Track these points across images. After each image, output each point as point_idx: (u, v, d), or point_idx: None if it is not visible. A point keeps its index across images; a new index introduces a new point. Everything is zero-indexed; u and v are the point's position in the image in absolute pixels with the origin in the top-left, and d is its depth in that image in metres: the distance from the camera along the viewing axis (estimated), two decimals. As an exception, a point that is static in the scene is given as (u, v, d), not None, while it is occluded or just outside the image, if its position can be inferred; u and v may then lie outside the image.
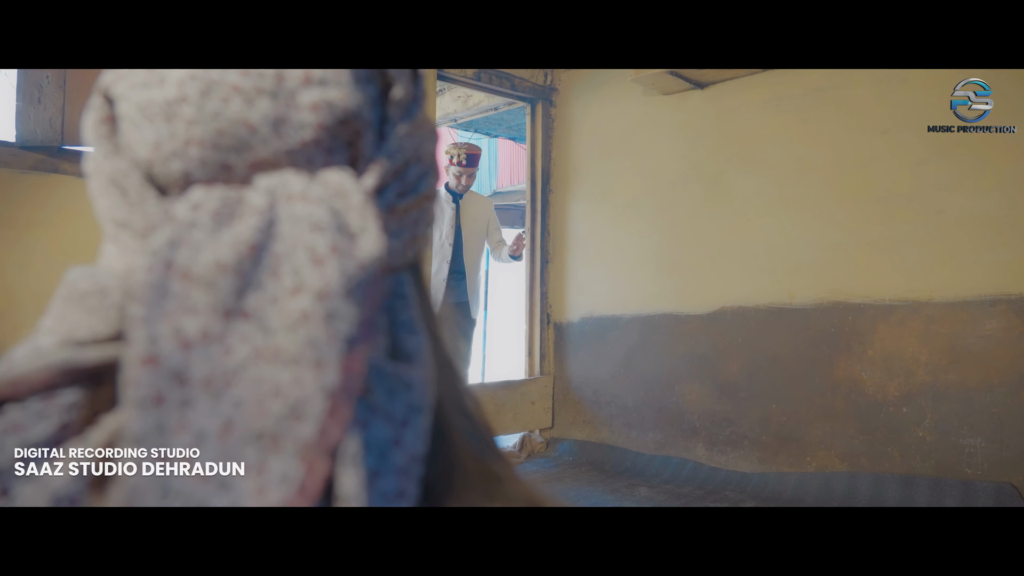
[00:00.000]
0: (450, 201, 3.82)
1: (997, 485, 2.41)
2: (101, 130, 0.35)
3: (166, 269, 0.28)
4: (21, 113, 2.13)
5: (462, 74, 3.46)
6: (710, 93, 3.24)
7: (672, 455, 3.27)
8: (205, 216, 0.30)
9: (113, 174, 0.34)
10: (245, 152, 0.32)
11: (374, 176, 0.34)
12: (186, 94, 0.32)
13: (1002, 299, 2.44)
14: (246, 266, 0.28)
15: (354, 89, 0.34)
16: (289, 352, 0.27)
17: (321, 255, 0.28)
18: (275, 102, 0.32)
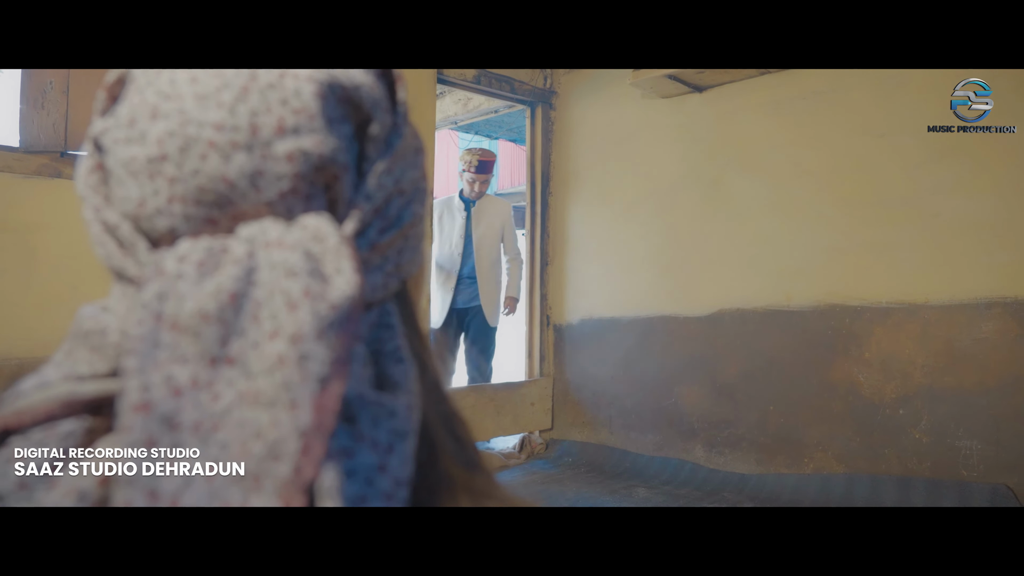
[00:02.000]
0: (461, 209, 3.76)
1: (993, 487, 2.42)
2: (91, 180, 0.37)
3: (156, 321, 0.30)
4: (25, 118, 2.15)
5: (462, 77, 3.48)
6: (708, 97, 3.25)
7: (671, 456, 3.29)
8: (190, 268, 0.32)
9: (106, 224, 0.36)
10: (226, 206, 0.34)
11: (354, 221, 0.36)
12: (166, 152, 0.34)
13: (997, 302, 2.45)
14: (228, 314, 0.30)
15: (328, 135, 0.35)
16: (267, 395, 0.29)
17: (295, 299, 0.30)
18: (251, 155, 0.34)
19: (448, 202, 3.84)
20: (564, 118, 3.88)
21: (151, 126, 0.34)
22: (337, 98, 0.36)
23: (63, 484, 0.32)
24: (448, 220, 3.80)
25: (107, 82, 0.39)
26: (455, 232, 3.75)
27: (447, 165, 6.46)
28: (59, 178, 2.20)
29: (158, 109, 0.35)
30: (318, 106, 0.35)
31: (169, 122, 0.34)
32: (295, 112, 0.35)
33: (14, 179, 2.13)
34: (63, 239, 2.20)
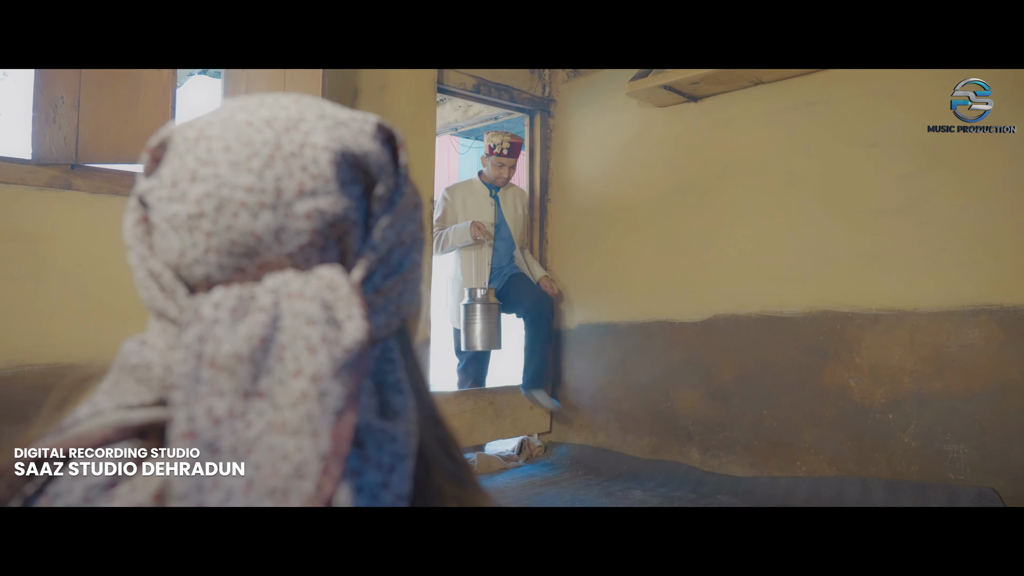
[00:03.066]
0: (487, 195, 3.56)
1: (979, 490, 2.48)
2: (137, 231, 0.44)
3: (197, 360, 0.37)
4: (37, 131, 2.22)
5: (462, 86, 3.54)
6: (703, 106, 3.31)
7: (667, 459, 3.35)
8: (225, 314, 0.38)
9: (150, 271, 0.42)
10: (254, 257, 0.41)
11: (361, 269, 0.42)
12: (203, 210, 0.40)
13: (984, 309, 2.51)
14: (258, 355, 0.37)
15: (340, 196, 0.42)
16: (293, 424, 0.35)
17: (314, 344, 0.37)
18: (275, 214, 0.40)
19: (468, 187, 3.64)
20: (562, 126, 3.94)
21: (191, 187, 0.41)
22: (348, 164, 0.43)
23: (121, 499, 0.38)
24: (473, 207, 3.57)
25: (150, 145, 0.45)
26: (481, 219, 3.53)
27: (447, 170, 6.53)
28: (69, 190, 2.26)
29: (197, 173, 0.41)
30: (332, 172, 0.42)
31: (206, 184, 0.41)
32: (313, 177, 0.41)
33: (26, 191, 2.19)
34: (73, 249, 2.26)
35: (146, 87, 2.13)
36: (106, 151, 2.17)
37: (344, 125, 0.44)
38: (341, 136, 0.43)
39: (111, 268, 2.31)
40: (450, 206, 3.58)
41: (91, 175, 2.29)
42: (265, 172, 0.41)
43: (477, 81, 3.60)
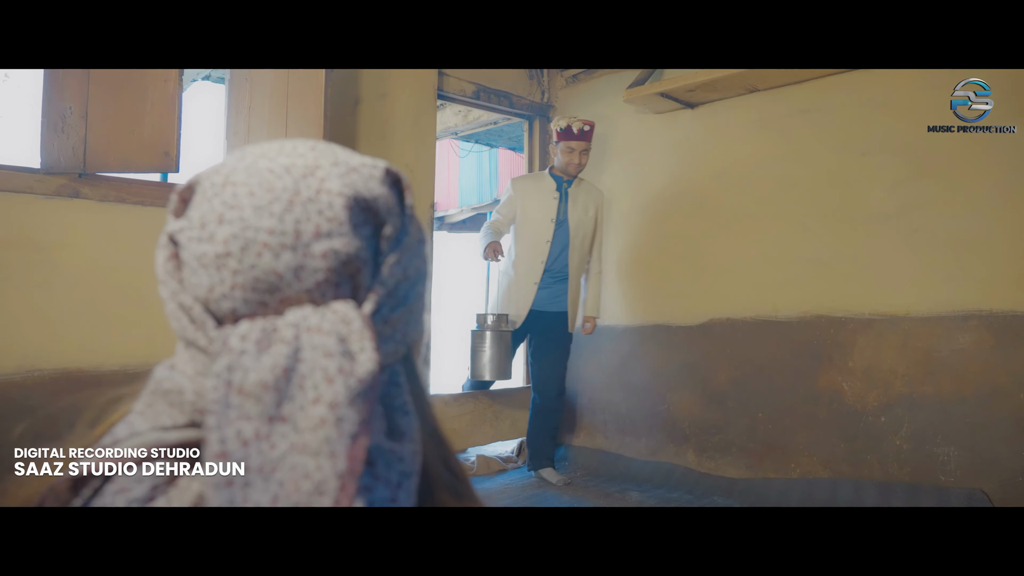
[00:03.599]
0: (553, 189, 3.23)
1: (969, 492, 2.53)
2: (168, 267, 0.48)
3: (227, 387, 0.41)
4: (45, 141, 2.26)
5: (461, 92, 3.59)
6: (699, 113, 3.36)
7: (663, 461, 3.40)
8: (251, 345, 0.43)
9: (181, 304, 0.47)
10: (276, 292, 0.45)
11: (372, 303, 0.47)
12: (230, 250, 0.45)
13: (974, 315, 2.56)
14: (281, 384, 0.42)
15: (353, 237, 0.47)
16: (313, 447, 0.40)
17: (331, 375, 0.42)
18: (295, 254, 0.45)
19: (535, 179, 3.34)
20: (561, 131, 3.98)
21: (219, 229, 0.46)
22: (360, 207, 0.48)
23: None
24: (536, 201, 3.23)
25: (178, 188, 0.50)
26: (544, 216, 3.20)
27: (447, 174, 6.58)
28: (77, 198, 2.31)
29: (224, 216, 0.46)
30: (346, 215, 0.46)
31: (233, 227, 0.45)
32: (328, 220, 0.46)
33: (35, 199, 2.24)
34: (81, 256, 2.31)
35: (153, 98, 2.17)
36: (113, 160, 2.21)
37: (356, 171, 0.49)
38: (353, 182, 0.48)
39: (118, 275, 2.36)
40: (512, 199, 3.28)
41: (98, 183, 2.34)
42: (286, 216, 0.45)
43: (477, 87, 3.65)
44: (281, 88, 2.52)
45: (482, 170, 6.77)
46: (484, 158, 6.69)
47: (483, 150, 6.43)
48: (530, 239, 3.21)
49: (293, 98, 2.49)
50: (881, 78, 2.81)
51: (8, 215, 2.20)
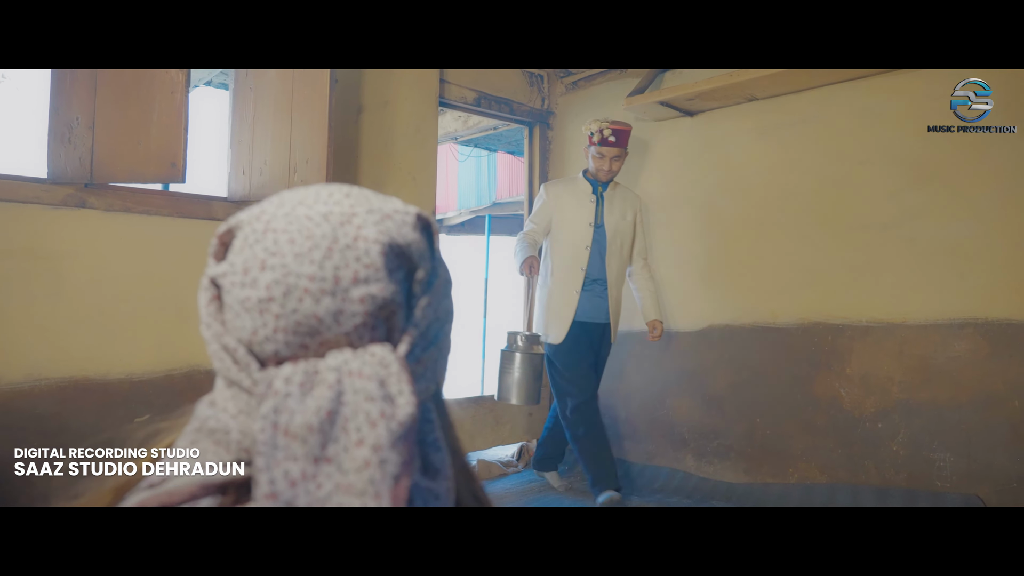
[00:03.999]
0: (589, 193, 3.09)
1: (965, 497, 2.57)
2: (211, 308, 0.51)
3: (274, 429, 0.44)
4: (52, 151, 2.28)
5: (463, 100, 3.61)
6: (698, 121, 3.39)
7: (663, 465, 3.43)
8: (295, 388, 0.45)
9: (225, 346, 0.49)
10: (316, 335, 0.48)
11: (406, 344, 0.50)
12: (273, 295, 0.48)
13: (970, 323, 2.60)
14: (326, 426, 0.44)
15: (389, 282, 0.49)
16: (358, 487, 0.42)
17: (374, 419, 0.44)
18: (334, 299, 0.48)
19: (569, 184, 3.17)
20: (561, 138, 4.01)
21: (261, 275, 0.48)
22: (395, 253, 0.50)
23: None
24: (572, 205, 3.09)
25: (219, 232, 0.52)
26: (582, 220, 3.05)
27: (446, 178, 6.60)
28: (83, 208, 2.33)
29: (266, 263, 0.48)
30: (382, 261, 0.49)
31: (275, 273, 0.48)
32: (366, 267, 0.49)
33: (42, 209, 2.26)
34: (87, 266, 2.33)
35: (160, 108, 2.19)
36: (120, 171, 2.23)
37: (390, 218, 0.51)
38: (388, 229, 0.50)
39: (125, 284, 2.38)
40: (545, 204, 3.13)
41: (104, 193, 2.36)
42: (325, 263, 0.48)
43: (478, 94, 3.67)
44: (285, 97, 2.54)
45: (481, 173, 6.81)
46: (483, 162, 6.72)
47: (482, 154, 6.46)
48: (568, 245, 3.05)
49: (297, 107, 2.51)
50: (878, 87, 2.84)
51: (15, 225, 2.22)
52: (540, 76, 4.00)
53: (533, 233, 3.11)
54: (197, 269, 2.33)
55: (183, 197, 2.56)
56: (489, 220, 7.32)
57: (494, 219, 7.43)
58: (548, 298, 3.08)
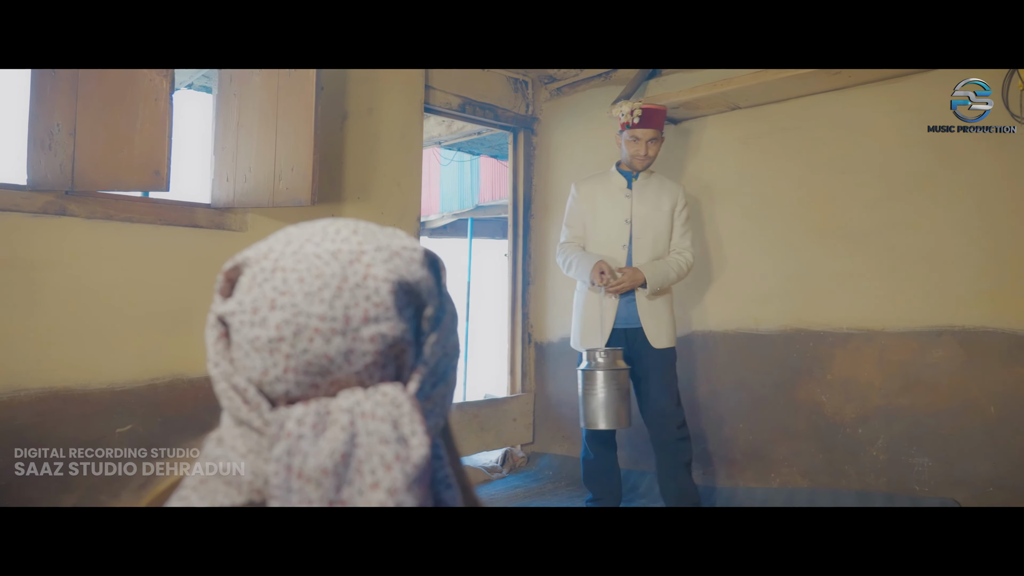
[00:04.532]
0: (623, 187, 2.76)
1: (942, 501, 2.62)
2: (218, 347, 0.51)
3: (287, 472, 0.44)
4: (32, 158, 2.24)
5: (447, 106, 3.61)
6: (682, 129, 3.42)
7: (646, 470, 3.45)
8: (308, 429, 0.45)
9: (235, 386, 0.49)
10: (327, 375, 0.48)
11: (416, 382, 0.50)
12: (283, 335, 0.48)
13: (947, 330, 2.65)
14: (340, 468, 0.44)
15: (399, 321, 0.49)
16: None
17: (389, 462, 0.44)
18: (345, 338, 0.48)
19: (602, 179, 2.86)
20: (545, 143, 4.03)
21: (271, 315, 0.48)
22: (404, 291, 0.50)
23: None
24: (606, 201, 2.78)
25: (225, 268, 0.52)
26: (617, 217, 2.74)
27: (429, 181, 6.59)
28: (64, 216, 2.29)
29: (276, 302, 0.48)
30: (392, 300, 0.49)
31: (285, 312, 0.48)
32: (376, 305, 0.49)
33: (22, 217, 2.22)
34: (68, 275, 2.29)
35: (143, 116, 2.17)
36: (102, 178, 2.21)
37: (398, 255, 0.51)
38: (397, 267, 0.51)
39: (106, 293, 2.35)
40: (578, 204, 2.83)
41: (85, 201, 2.33)
42: (335, 302, 0.48)
43: (463, 100, 3.67)
44: (270, 104, 2.52)
45: (464, 177, 6.80)
46: (466, 165, 6.71)
47: (465, 158, 6.45)
48: (603, 246, 2.74)
49: (282, 114, 2.49)
50: (858, 99, 2.89)
51: (-6, 233, 2.18)
52: (525, 82, 4.01)
53: (576, 240, 2.83)
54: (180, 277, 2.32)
55: (166, 204, 2.54)
56: (472, 223, 7.31)
57: (476, 222, 7.43)
58: (584, 304, 2.77)
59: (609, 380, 2.54)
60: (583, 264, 2.67)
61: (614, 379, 2.54)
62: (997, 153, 2.57)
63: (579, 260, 2.71)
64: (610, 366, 2.54)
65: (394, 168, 3.24)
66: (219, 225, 2.64)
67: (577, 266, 2.71)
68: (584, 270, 2.66)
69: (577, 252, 2.75)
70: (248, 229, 2.70)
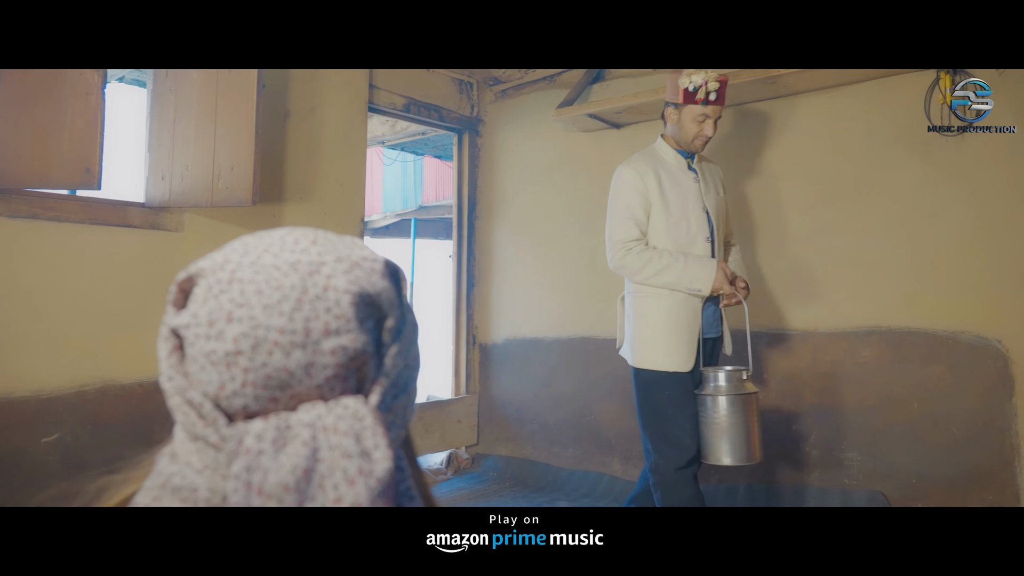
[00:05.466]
0: (686, 168, 2.31)
1: (870, 494, 2.74)
2: (172, 360, 0.49)
3: (247, 489, 0.43)
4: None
5: (392, 105, 3.58)
6: (625, 133, 3.48)
7: (590, 470, 3.50)
8: (267, 445, 0.44)
9: (190, 401, 0.48)
10: (287, 389, 0.47)
11: (377, 394, 0.50)
12: (241, 348, 0.46)
13: (875, 331, 2.77)
14: (302, 484, 0.44)
15: (360, 333, 0.49)
16: None
17: (352, 476, 0.44)
18: (305, 351, 0.47)
19: (656, 159, 2.33)
20: (490, 145, 4.03)
21: (228, 328, 0.47)
22: (365, 303, 0.50)
23: None
24: (672, 188, 2.27)
25: (179, 279, 0.51)
26: (694, 205, 2.27)
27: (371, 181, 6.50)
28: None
29: (233, 314, 0.47)
30: (353, 312, 0.49)
31: (242, 325, 0.47)
32: (336, 318, 0.48)
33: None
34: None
35: (73, 111, 2.08)
36: (28, 176, 2.10)
37: (359, 266, 0.51)
38: (358, 278, 0.50)
39: (33, 295, 2.23)
40: (638, 190, 2.24)
41: (8, 199, 2.21)
42: (295, 315, 0.47)
43: (407, 100, 3.64)
44: (209, 101, 2.45)
45: (407, 177, 6.75)
46: (409, 165, 6.66)
47: (408, 158, 6.40)
48: (685, 240, 2.24)
49: (222, 111, 2.42)
50: (795, 106, 3.00)
51: (-94, 232, 2.05)
52: (470, 84, 4.01)
53: (645, 237, 2.26)
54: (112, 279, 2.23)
55: (96, 203, 2.43)
56: (415, 223, 7.26)
57: (420, 222, 7.38)
58: (673, 315, 2.23)
59: (736, 406, 2.14)
60: (692, 269, 2.17)
61: (743, 405, 2.15)
62: (923, 160, 2.70)
63: (681, 264, 2.17)
64: (735, 389, 2.15)
65: (337, 168, 3.19)
66: (154, 225, 2.54)
67: (681, 271, 2.17)
68: (696, 276, 2.17)
69: (666, 253, 2.19)
70: (185, 229, 2.61)
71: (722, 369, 2.17)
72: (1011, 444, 2.48)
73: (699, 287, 2.19)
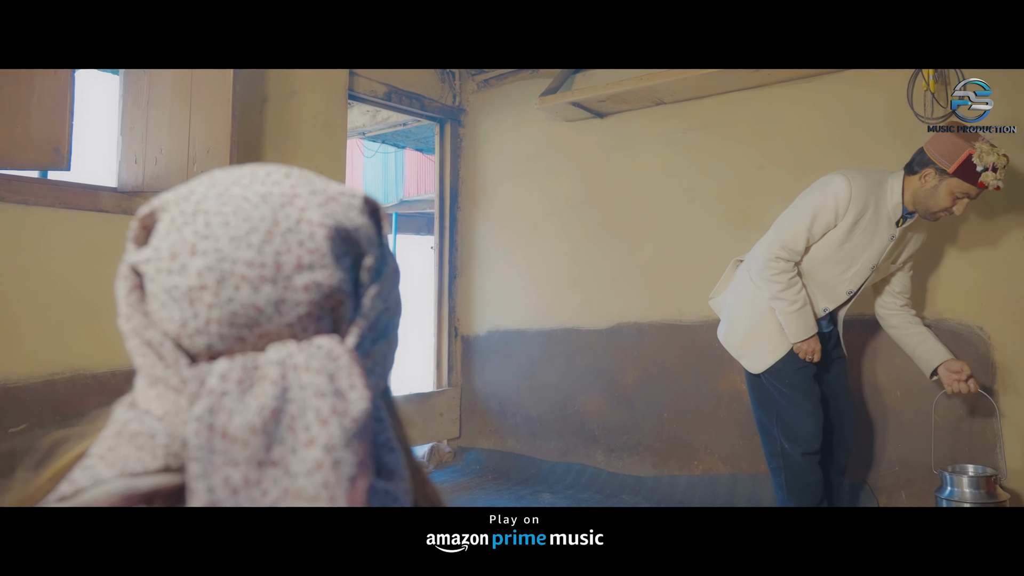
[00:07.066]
0: (892, 224, 2.20)
1: (853, 483, 2.74)
2: (132, 299, 0.45)
3: (209, 432, 0.39)
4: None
5: (372, 93, 3.53)
6: (608, 123, 3.46)
7: (574, 462, 3.48)
8: (232, 385, 0.41)
9: (149, 341, 0.44)
10: (255, 327, 0.43)
11: (354, 336, 0.46)
12: (205, 283, 0.42)
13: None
14: (270, 426, 0.40)
15: (335, 269, 0.45)
16: (309, 491, 0.39)
17: (325, 416, 0.40)
18: (275, 287, 0.43)
19: (876, 195, 2.18)
20: (472, 135, 3.99)
21: (191, 261, 0.43)
22: (341, 238, 0.46)
23: None
24: (865, 232, 2.19)
25: (140, 214, 0.47)
26: (864, 256, 2.22)
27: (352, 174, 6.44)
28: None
29: (196, 247, 0.43)
30: (328, 247, 0.45)
31: (207, 258, 0.43)
32: (310, 252, 0.44)
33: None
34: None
35: (41, 90, 2.01)
36: (-7, 156, 2.03)
37: (335, 200, 0.47)
38: (334, 212, 0.46)
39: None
40: (838, 213, 2.17)
41: (-25, 180, 2.14)
42: (265, 247, 0.43)
43: (388, 89, 3.60)
44: (184, 82, 2.39)
45: (388, 170, 6.69)
46: (390, 158, 6.60)
47: (389, 151, 6.34)
48: (830, 284, 2.28)
49: (197, 93, 2.36)
50: (776, 96, 2.99)
51: None
52: (452, 73, 3.96)
53: (801, 257, 2.24)
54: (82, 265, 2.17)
55: (66, 186, 2.36)
56: (396, 218, 7.20)
57: (401, 217, 7.32)
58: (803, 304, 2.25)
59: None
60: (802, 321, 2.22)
61: None
62: (907, 149, 2.70)
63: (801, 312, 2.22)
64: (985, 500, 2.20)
65: (317, 155, 3.13)
66: (126, 210, 2.47)
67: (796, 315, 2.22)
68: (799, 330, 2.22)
69: (804, 295, 2.24)
70: (159, 215, 2.54)
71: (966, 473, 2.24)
72: (993, 430, 2.49)
73: (793, 336, 2.24)
